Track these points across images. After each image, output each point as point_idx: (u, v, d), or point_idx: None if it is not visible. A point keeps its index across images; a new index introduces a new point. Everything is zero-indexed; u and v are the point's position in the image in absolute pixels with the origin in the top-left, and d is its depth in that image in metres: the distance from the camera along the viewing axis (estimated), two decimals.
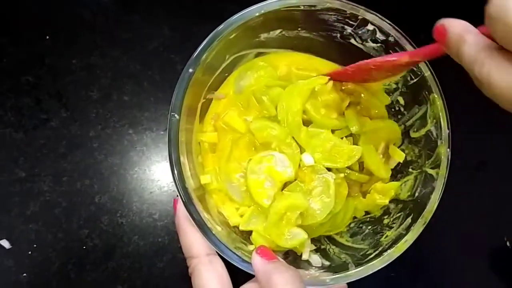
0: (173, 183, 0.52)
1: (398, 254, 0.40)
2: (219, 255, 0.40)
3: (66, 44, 0.54)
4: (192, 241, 0.40)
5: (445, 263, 0.56)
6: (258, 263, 0.36)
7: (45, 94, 0.53)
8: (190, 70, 0.40)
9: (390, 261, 0.40)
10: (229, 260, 0.38)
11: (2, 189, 0.51)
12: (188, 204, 0.39)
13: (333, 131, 0.45)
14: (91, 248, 0.51)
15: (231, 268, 0.40)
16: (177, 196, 0.40)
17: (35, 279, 0.50)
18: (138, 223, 0.52)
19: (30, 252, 0.50)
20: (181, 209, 0.40)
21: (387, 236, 0.43)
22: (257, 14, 0.41)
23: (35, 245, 0.50)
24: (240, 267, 0.38)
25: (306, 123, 0.45)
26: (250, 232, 0.45)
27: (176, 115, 0.40)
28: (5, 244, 0.50)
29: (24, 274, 0.50)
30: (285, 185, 0.44)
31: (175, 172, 0.39)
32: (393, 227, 0.44)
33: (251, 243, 0.44)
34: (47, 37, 0.54)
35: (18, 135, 0.52)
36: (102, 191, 0.52)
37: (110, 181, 0.52)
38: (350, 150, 0.44)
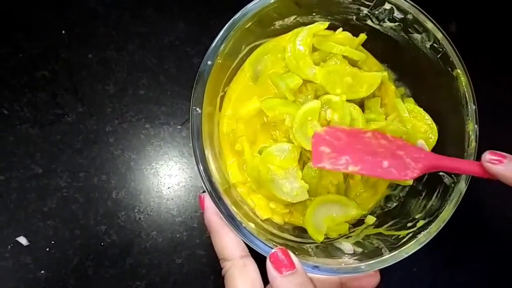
0: (192, 178, 0.52)
1: (434, 235, 0.39)
2: (253, 256, 0.39)
3: (81, 39, 0.53)
4: (226, 242, 0.39)
5: (467, 257, 0.55)
6: (272, 276, 0.35)
7: (61, 89, 0.52)
8: (209, 62, 0.40)
9: (426, 242, 0.39)
10: (261, 252, 0.37)
11: (18, 186, 0.50)
12: (217, 199, 0.38)
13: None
14: (108, 244, 0.50)
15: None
16: (203, 192, 0.39)
17: (53, 276, 0.49)
18: (156, 219, 0.51)
19: (47, 249, 0.49)
20: (210, 207, 0.39)
21: (417, 219, 0.42)
22: (272, 1, 0.40)
23: (52, 242, 0.50)
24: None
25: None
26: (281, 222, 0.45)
27: (198, 109, 0.39)
28: (23, 241, 0.49)
29: (42, 271, 0.49)
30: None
31: (201, 167, 0.38)
32: (422, 209, 0.43)
33: (283, 232, 0.43)
34: (63, 31, 0.53)
35: (34, 131, 0.51)
36: (119, 186, 0.51)
37: (127, 176, 0.51)
38: (370, 78, 0.44)
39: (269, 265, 0.36)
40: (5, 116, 0.51)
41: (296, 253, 0.38)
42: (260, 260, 0.38)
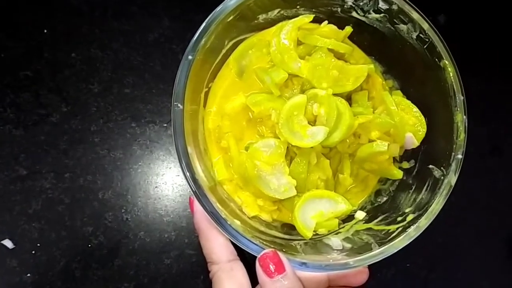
0: (179, 177, 0.51)
1: (424, 229, 0.38)
2: (243, 260, 0.39)
3: (64, 37, 0.52)
4: (214, 246, 0.39)
5: (461, 251, 0.54)
6: (262, 280, 0.35)
7: (44, 89, 0.51)
8: (190, 57, 0.39)
9: (416, 236, 0.38)
10: (247, 250, 0.37)
11: (3, 188, 0.49)
12: (201, 197, 0.37)
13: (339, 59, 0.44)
14: (96, 245, 0.49)
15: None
16: (193, 196, 0.38)
17: (39, 279, 0.48)
18: (143, 219, 0.50)
19: (33, 252, 0.49)
20: (199, 210, 0.38)
21: (407, 213, 0.41)
22: None
23: (38, 244, 0.49)
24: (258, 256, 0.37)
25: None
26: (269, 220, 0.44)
27: (179, 105, 0.38)
28: (8, 244, 0.48)
29: (28, 274, 0.48)
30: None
31: (183, 163, 0.37)
32: (412, 203, 0.42)
33: (271, 229, 0.42)
34: (45, 30, 0.52)
35: (18, 132, 0.50)
36: (105, 186, 0.50)
37: (113, 176, 0.51)
38: (356, 70, 0.43)
39: (258, 268, 0.35)
40: None
41: (284, 250, 0.38)
42: (250, 263, 0.38)
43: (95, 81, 0.52)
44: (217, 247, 0.38)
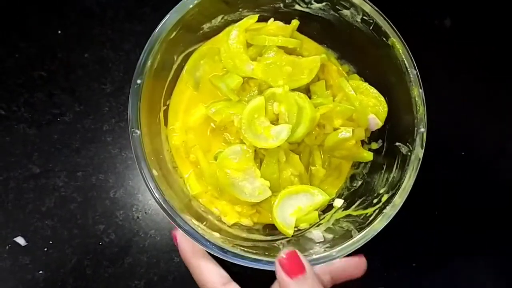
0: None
1: (399, 207, 0.39)
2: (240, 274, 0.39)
3: (77, 38, 0.53)
4: (205, 275, 0.39)
5: (467, 251, 0.55)
6: (282, 279, 0.35)
7: (57, 89, 0.52)
8: (139, 81, 0.39)
9: (393, 214, 0.39)
10: (230, 260, 0.37)
11: (16, 186, 0.50)
12: (174, 216, 0.37)
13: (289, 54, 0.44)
14: (107, 243, 0.50)
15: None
16: (176, 229, 0.38)
17: (51, 276, 0.49)
18: (154, 218, 0.51)
19: (46, 249, 0.49)
20: (184, 242, 0.39)
21: (382, 194, 0.42)
22: (191, 6, 0.40)
23: (50, 242, 0.50)
24: (243, 264, 0.37)
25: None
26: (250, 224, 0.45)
27: (136, 131, 0.38)
28: (21, 241, 0.49)
29: (40, 271, 0.49)
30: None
31: (151, 187, 0.38)
32: (385, 183, 0.43)
33: (253, 233, 0.43)
34: (59, 31, 0.53)
35: (32, 131, 0.51)
36: (117, 185, 0.51)
37: (125, 175, 0.51)
38: (309, 62, 0.43)
39: (279, 269, 0.35)
40: (2, 116, 0.51)
41: (266, 253, 0.38)
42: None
43: (107, 81, 0.53)
44: (209, 275, 0.39)
